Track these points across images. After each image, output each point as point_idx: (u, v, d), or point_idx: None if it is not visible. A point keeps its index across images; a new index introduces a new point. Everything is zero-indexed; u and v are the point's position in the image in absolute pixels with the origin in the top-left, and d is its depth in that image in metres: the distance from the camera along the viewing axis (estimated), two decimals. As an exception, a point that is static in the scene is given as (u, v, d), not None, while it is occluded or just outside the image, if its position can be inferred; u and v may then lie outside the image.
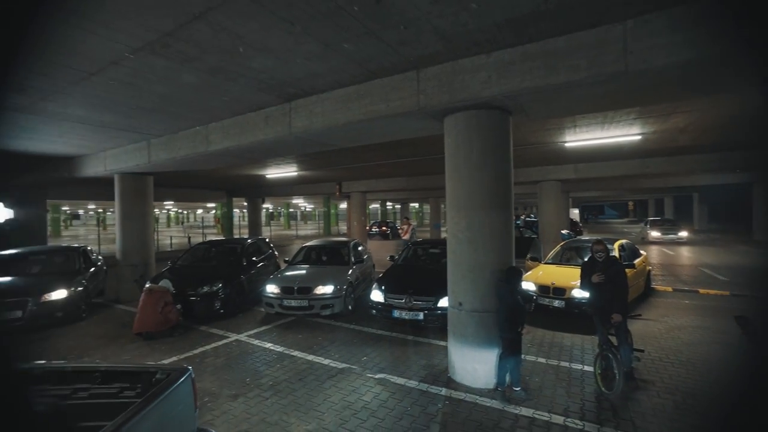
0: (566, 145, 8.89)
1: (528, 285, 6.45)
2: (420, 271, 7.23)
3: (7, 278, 6.79)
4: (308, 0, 2.84)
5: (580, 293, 5.89)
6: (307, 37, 3.39)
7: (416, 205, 49.14)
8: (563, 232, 13.37)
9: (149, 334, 5.89)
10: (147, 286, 6.15)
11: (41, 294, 6.35)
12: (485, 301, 4.06)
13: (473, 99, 3.91)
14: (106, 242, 20.39)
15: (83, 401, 2.16)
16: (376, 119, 4.59)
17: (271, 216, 48.95)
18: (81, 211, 50.38)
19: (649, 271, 8.49)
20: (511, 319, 3.86)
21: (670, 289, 8.77)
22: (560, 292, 6.19)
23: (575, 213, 35.09)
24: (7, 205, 9.50)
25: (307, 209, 53.55)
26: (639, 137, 8.00)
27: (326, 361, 4.90)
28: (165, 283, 6.28)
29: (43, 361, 2.37)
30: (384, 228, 27.42)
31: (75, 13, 2.94)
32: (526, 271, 6.97)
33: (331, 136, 5.40)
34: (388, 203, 38.92)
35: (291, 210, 46.71)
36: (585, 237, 12.03)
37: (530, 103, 4.09)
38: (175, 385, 2.00)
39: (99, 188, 15.59)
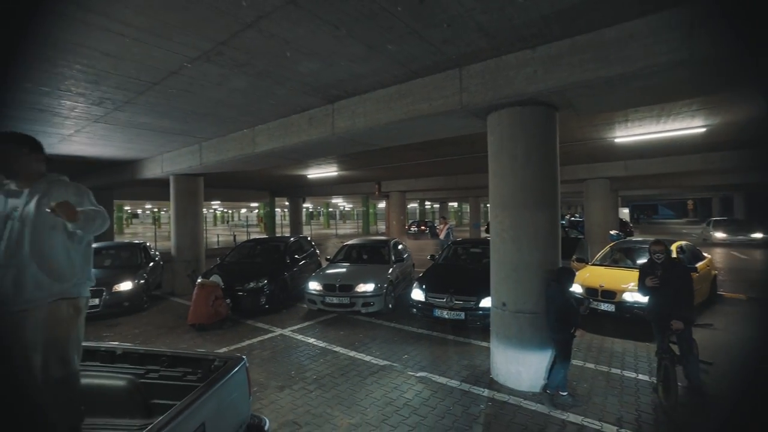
0: (616, 140, 8.43)
1: (574, 287, 6.19)
2: (461, 270, 7.15)
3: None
4: (353, 3, 2.91)
5: (632, 297, 5.58)
6: (351, 39, 3.47)
7: (455, 204, 48.53)
8: (612, 232, 12.67)
9: (201, 326, 6.27)
10: (199, 280, 6.54)
11: (113, 285, 6.95)
12: (530, 302, 3.96)
13: (518, 95, 3.82)
14: (161, 239, 21.87)
15: (154, 381, 2.36)
16: (418, 118, 4.60)
17: (311, 215, 50.23)
18: (139, 211, 54.29)
19: (715, 275, 7.83)
20: (562, 320, 3.75)
21: (743, 296, 8.03)
22: (610, 295, 5.89)
23: (624, 213, 33.14)
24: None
25: (345, 209, 54.44)
26: (703, 129, 7.40)
27: (368, 358, 4.98)
28: (215, 278, 6.65)
29: (120, 343, 2.61)
30: (423, 227, 27.32)
31: (146, 30, 3.20)
32: (572, 273, 6.69)
33: (373, 136, 5.47)
34: (427, 202, 38.73)
35: (330, 209, 47.68)
36: (637, 238, 11.36)
37: (579, 98, 3.94)
38: (232, 372, 2.13)
39: (155, 189, 16.77)
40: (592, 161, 12.16)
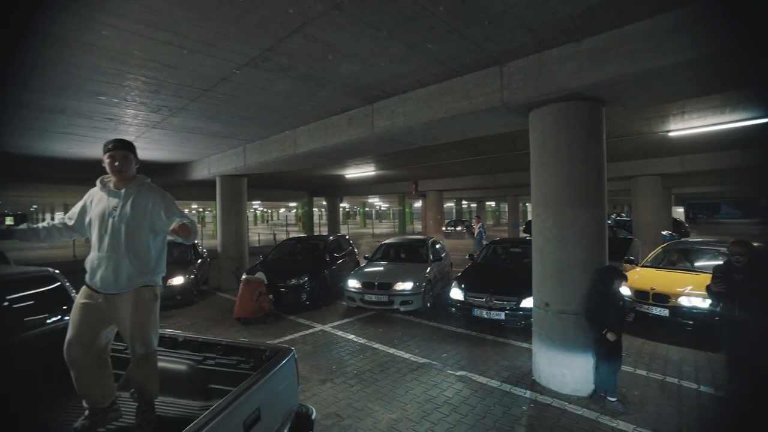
0: (671, 134, 7.92)
1: (622, 289, 5.91)
2: (501, 270, 7.03)
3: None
4: (395, 5, 2.95)
5: (689, 301, 5.25)
6: (391, 40, 3.52)
7: (492, 203, 47.49)
8: (664, 233, 11.87)
9: (246, 320, 6.57)
10: (244, 276, 6.85)
11: (166, 279, 7.45)
12: (574, 302, 3.84)
13: (562, 91, 3.71)
14: (206, 238, 23.03)
15: (211, 368, 2.53)
16: (457, 117, 4.58)
17: (347, 215, 50.97)
18: (186, 211, 57.38)
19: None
20: (591, 318, 3.67)
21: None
22: (662, 298, 5.56)
23: (678, 212, 31.00)
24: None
25: (381, 208, 54.77)
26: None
27: (407, 355, 5.02)
28: (259, 275, 6.94)
29: (181, 332, 2.82)
30: (460, 227, 26.99)
31: (203, 42, 3.42)
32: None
33: (413, 135, 5.51)
34: (464, 202, 38.19)
35: (366, 209, 48.16)
36: (694, 239, 10.60)
37: (628, 91, 3.77)
38: (283, 362, 2.25)
39: (200, 190, 17.68)
40: (641, 157, 11.51)
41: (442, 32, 3.41)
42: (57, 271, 3.03)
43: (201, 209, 47.37)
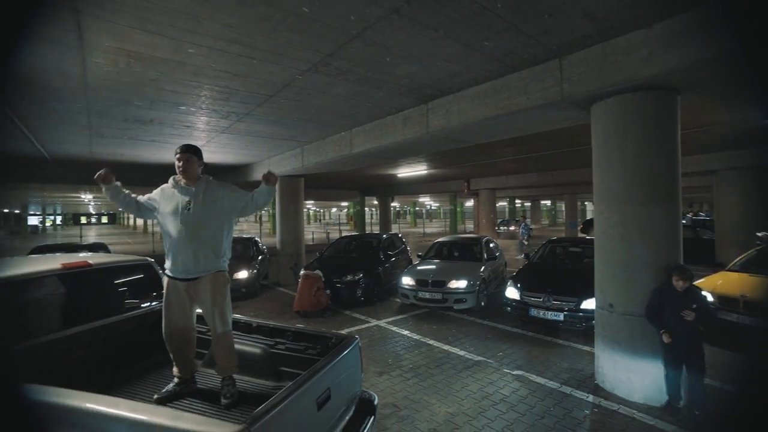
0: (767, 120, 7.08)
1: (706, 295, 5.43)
2: (559, 270, 6.78)
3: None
4: (453, 6, 3.00)
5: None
6: (448, 40, 3.57)
7: (547, 202, 45.34)
8: (760, 234, 10.57)
9: (305, 313, 6.92)
10: (303, 272, 7.22)
11: (232, 273, 8.04)
12: (642, 304, 3.63)
13: (629, 81, 3.53)
14: (264, 236, 24.34)
15: (281, 352, 2.76)
16: (514, 113, 4.51)
17: (397, 214, 51.27)
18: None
19: None
20: (649, 316, 3.49)
21: None
22: (753, 307, 5.02)
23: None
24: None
25: (431, 207, 54.43)
26: None
27: (461, 352, 5.03)
28: (317, 271, 7.27)
29: (254, 318, 3.10)
30: (513, 227, 26.12)
31: (270, 51, 3.70)
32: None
33: (468, 133, 5.49)
34: (517, 201, 36.86)
35: (417, 208, 48.10)
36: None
37: (711, 76, 3.49)
38: (349, 349, 2.40)
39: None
40: (725, 149, 10.40)
41: (499, 29, 3.39)
42: (153, 260, 3.44)
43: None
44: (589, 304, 5.27)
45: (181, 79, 4.36)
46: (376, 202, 31.78)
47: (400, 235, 10.65)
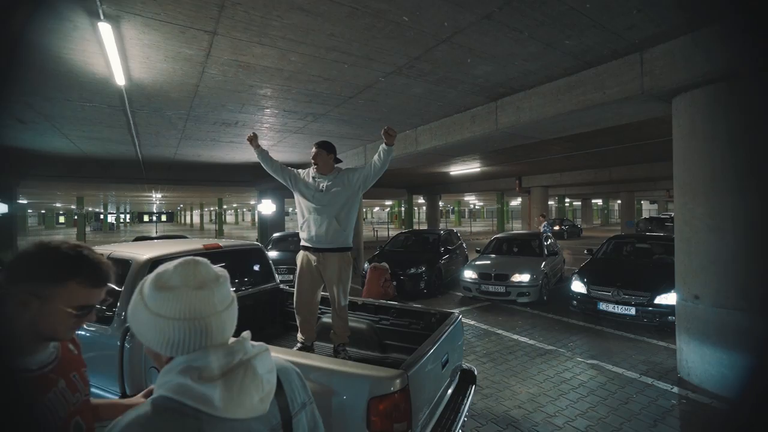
0: None
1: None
2: (627, 265, 6.69)
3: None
4: (542, 9, 3.21)
5: None
6: (531, 40, 3.76)
7: (599, 201, 43.23)
8: None
9: (371, 303, 7.31)
10: (370, 264, 7.61)
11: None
12: (732, 295, 3.61)
13: (722, 70, 3.54)
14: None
15: (385, 327, 3.10)
16: (588, 108, 4.60)
17: (441, 213, 51.04)
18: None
19: None
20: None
21: None
22: None
23: None
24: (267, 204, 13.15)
25: (475, 206, 53.67)
26: None
27: (531, 341, 5.18)
28: (384, 264, 7.64)
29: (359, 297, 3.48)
30: (557, 227, 25.26)
31: (364, 56, 4.07)
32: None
33: (538, 129, 5.62)
34: (566, 199, 35.53)
35: (460, 207, 47.67)
36: None
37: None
38: (455, 323, 2.69)
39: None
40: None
41: (583, 27, 3.54)
42: (261, 245, 3.93)
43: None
44: (663, 299, 5.23)
45: (276, 84, 4.86)
46: (420, 201, 31.96)
47: (456, 232, 10.82)
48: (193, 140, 8.20)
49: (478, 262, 7.83)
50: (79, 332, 2.34)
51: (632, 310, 5.45)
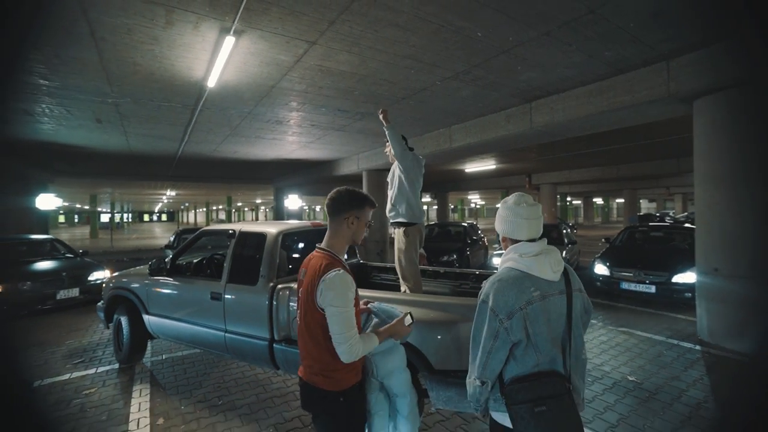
0: None
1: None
2: (645, 250, 7.44)
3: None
4: (593, 27, 3.87)
5: None
6: (576, 52, 4.43)
7: (599, 200, 44.14)
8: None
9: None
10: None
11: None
12: (745, 267, 4.30)
13: (738, 78, 4.22)
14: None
15: (466, 290, 3.76)
16: (618, 109, 5.28)
17: (442, 212, 51.72)
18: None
19: None
20: None
21: None
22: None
23: None
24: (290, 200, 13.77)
25: (477, 205, 54.43)
26: None
27: (565, 315, 5.85)
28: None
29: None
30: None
31: (430, 63, 4.71)
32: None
33: (570, 128, 6.30)
34: (568, 198, 36.34)
35: (462, 206, 48.41)
36: None
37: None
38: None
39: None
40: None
41: (623, 41, 4.21)
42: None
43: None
44: (680, 278, 5.93)
45: (345, 85, 5.48)
46: (425, 199, 32.60)
47: (476, 225, 11.51)
48: (239, 137, 8.80)
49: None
50: (228, 294, 3.27)
51: (652, 288, 6.15)
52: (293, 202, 13.40)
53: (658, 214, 28.02)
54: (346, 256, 2.04)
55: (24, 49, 3.93)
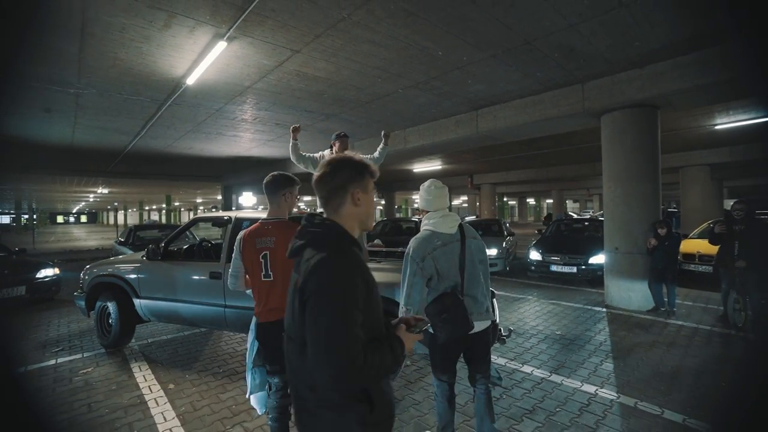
0: (717, 127, 9.07)
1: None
2: (568, 239, 8.82)
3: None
4: (531, 54, 4.83)
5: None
6: (516, 72, 5.41)
7: (531, 201, 48.14)
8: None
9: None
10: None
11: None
12: (636, 246, 5.59)
13: (628, 101, 5.46)
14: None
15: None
16: (546, 120, 6.41)
17: (388, 211, 52.98)
18: (301, 205, 61.42)
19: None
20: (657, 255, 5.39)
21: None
22: (705, 259, 7.10)
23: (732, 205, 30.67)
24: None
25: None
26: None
27: (504, 293, 6.90)
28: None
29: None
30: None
31: (396, 75, 5.42)
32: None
33: (509, 133, 7.39)
34: (505, 198, 39.26)
35: (405, 206, 50.04)
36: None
37: (679, 100, 5.47)
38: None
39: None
40: (689, 148, 12.71)
41: (550, 66, 5.25)
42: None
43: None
44: (594, 260, 7.26)
45: (316, 89, 6.02)
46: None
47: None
48: (200, 133, 8.87)
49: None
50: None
51: (574, 269, 7.43)
52: (248, 199, 13.49)
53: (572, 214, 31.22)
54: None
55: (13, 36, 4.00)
